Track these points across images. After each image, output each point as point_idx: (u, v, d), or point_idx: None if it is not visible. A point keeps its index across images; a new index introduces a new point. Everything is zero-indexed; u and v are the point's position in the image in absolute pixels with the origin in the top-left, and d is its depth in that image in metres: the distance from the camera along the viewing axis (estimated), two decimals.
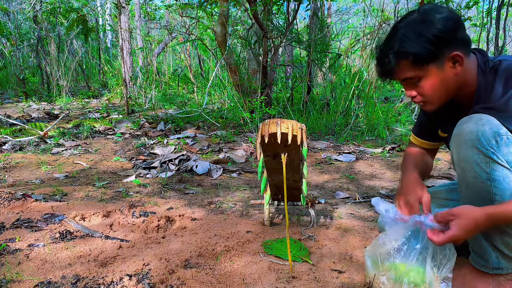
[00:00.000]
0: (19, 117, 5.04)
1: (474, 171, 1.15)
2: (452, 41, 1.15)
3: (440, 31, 1.13)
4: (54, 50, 7.62)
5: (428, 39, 1.13)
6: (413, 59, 1.16)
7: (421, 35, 1.14)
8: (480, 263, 1.27)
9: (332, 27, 7.04)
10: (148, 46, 7.75)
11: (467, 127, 1.16)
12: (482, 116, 1.15)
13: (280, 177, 1.63)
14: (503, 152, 1.12)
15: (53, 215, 1.93)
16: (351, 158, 3.40)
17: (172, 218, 2.00)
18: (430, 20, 1.14)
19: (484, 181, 1.14)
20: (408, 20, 1.18)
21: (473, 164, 1.15)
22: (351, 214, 2.12)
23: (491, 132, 1.12)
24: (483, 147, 1.12)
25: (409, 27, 1.16)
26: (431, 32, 1.13)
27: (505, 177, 1.13)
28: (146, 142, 3.75)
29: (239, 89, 4.88)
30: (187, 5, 5.87)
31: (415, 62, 1.16)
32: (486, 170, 1.13)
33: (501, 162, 1.12)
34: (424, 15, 1.16)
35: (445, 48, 1.15)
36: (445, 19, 1.14)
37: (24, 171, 2.85)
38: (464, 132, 1.16)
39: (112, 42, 11.63)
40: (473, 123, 1.15)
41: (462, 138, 1.17)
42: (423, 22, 1.15)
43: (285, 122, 1.39)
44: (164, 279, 1.39)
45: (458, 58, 1.17)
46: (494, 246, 1.22)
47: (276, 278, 1.43)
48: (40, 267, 1.46)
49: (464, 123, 1.18)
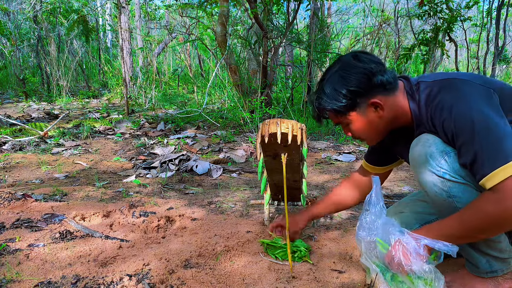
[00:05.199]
0: (19, 117, 5.04)
1: (434, 191, 1.18)
2: (367, 91, 1.21)
3: (353, 85, 1.21)
4: (54, 50, 7.62)
5: (343, 94, 1.22)
6: (334, 111, 1.25)
7: (338, 92, 1.22)
8: (473, 269, 1.28)
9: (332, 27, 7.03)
10: (148, 46, 7.75)
11: (417, 150, 1.20)
12: (429, 137, 1.18)
13: (280, 177, 1.63)
14: (454, 168, 1.13)
15: (53, 215, 1.93)
16: (351, 158, 3.40)
17: (172, 218, 2.00)
18: (345, 76, 1.22)
19: (445, 199, 1.17)
20: (330, 74, 1.26)
21: (431, 186, 1.17)
22: (351, 214, 2.12)
23: (438, 152, 1.14)
24: (434, 169, 1.15)
25: (328, 84, 1.24)
26: (345, 88, 1.21)
27: (463, 191, 1.14)
28: (146, 142, 3.75)
29: (239, 89, 4.88)
30: (187, 5, 5.87)
31: (335, 114, 1.27)
32: (444, 189, 1.16)
33: (455, 179, 1.13)
34: (341, 71, 1.23)
35: (360, 98, 1.22)
36: (359, 74, 1.21)
37: (24, 171, 2.85)
38: (415, 156, 1.20)
39: (112, 42, 11.62)
40: (421, 145, 1.19)
41: (415, 162, 1.21)
42: (339, 77, 1.22)
43: (285, 122, 1.39)
44: (164, 279, 1.39)
45: (378, 104, 1.22)
46: (481, 251, 1.22)
47: (276, 278, 1.43)
48: (40, 267, 1.46)
49: (414, 146, 1.22)
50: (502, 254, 1.22)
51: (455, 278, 1.32)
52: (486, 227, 1.05)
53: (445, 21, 4.85)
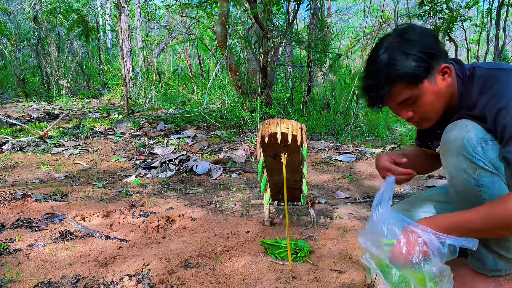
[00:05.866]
0: (19, 117, 5.04)
1: (462, 177, 1.15)
2: (438, 54, 1.15)
3: (427, 47, 1.13)
4: (54, 50, 7.62)
5: (417, 56, 1.12)
6: (408, 79, 1.13)
7: (409, 55, 1.12)
8: (478, 265, 1.28)
9: (332, 27, 7.03)
10: (148, 46, 7.75)
11: (453, 134, 1.16)
12: (468, 123, 1.15)
13: (280, 177, 1.63)
14: (489, 157, 1.11)
15: (53, 215, 1.93)
16: (351, 158, 3.40)
17: (172, 218, 2.00)
18: (411, 39, 1.14)
19: (473, 187, 1.14)
20: (388, 44, 1.16)
21: (460, 171, 1.15)
22: (351, 214, 2.12)
23: (476, 138, 1.12)
24: (469, 154, 1.12)
25: (393, 50, 1.14)
26: (417, 49, 1.12)
27: (493, 183, 1.12)
28: (146, 142, 3.75)
29: (239, 89, 4.88)
30: (187, 5, 5.87)
31: (410, 82, 1.14)
32: (473, 176, 1.13)
33: (488, 168, 1.12)
34: (403, 36, 1.15)
35: (433, 62, 1.14)
36: (427, 35, 1.15)
37: (24, 171, 2.85)
38: (450, 140, 1.16)
39: (112, 42, 11.62)
40: (458, 130, 1.15)
41: (448, 146, 1.17)
42: (404, 42, 1.14)
43: (285, 122, 1.39)
44: (164, 279, 1.39)
45: (447, 70, 1.17)
46: (490, 248, 1.22)
47: (276, 278, 1.43)
48: (40, 267, 1.46)
49: (450, 130, 1.18)
50: (509, 253, 1.22)
51: (455, 276, 1.31)
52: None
53: (445, 21, 4.85)
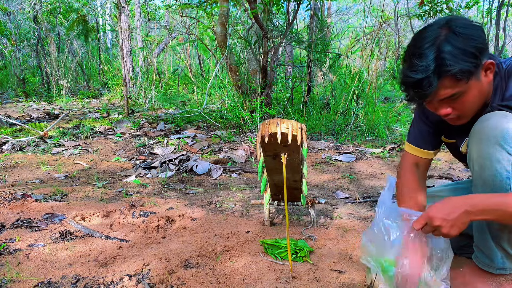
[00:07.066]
0: (19, 117, 5.04)
1: (494, 168, 1.12)
2: (486, 49, 1.11)
3: (478, 42, 1.08)
4: (54, 50, 7.62)
5: (471, 52, 1.07)
6: (459, 76, 1.07)
7: (462, 50, 1.07)
8: (485, 262, 1.27)
9: (332, 27, 7.03)
10: (148, 46, 7.75)
11: (491, 123, 1.12)
12: (507, 114, 1.12)
13: (280, 177, 1.63)
14: None
15: (53, 215, 1.93)
16: (351, 158, 3.40)
17: (172, 218, 2.00)
18: (461, 32, 1.08)
19: (503, 179, 1.12)
20: (435, 36, 1.10)
21: (493, 162, 1.12)
22: (351, 214, 2.12)
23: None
24: (506, 144, 1.10)
25: (442, 44, 1.08)
26: (472, 44, 1.07)
27: None
28: (146, 142, 3.75)
29: (239, 89, 4.88)
30: (187, 5, 5.87)
31: (460, 79, 1.08)
32: (507, 168, 1.11)
33: None
34: (450, 28, 1.10)
35: (483, 57, 1.11)
36: (474, 28, 1.10)
37: (24, 171, 2.85)
38: (487, 129, 1.13)
39: (112, 42, 11.63)
40: (497, 120, 1.12)
41: (484, 135, 1.13)
42: (453, 34, 1.08)
43: (285, 122, 1.39)
44: (164, 279, 1.39)
45: (491, 66, 1.14)
46: (501, 246, 1.22)
47: (276, 278, 1.43)
48: (40, 267, 1.46)
49: (487, 119, 1.14)
50: None
51: (456, 275, 1.31)
52: None
53: None
